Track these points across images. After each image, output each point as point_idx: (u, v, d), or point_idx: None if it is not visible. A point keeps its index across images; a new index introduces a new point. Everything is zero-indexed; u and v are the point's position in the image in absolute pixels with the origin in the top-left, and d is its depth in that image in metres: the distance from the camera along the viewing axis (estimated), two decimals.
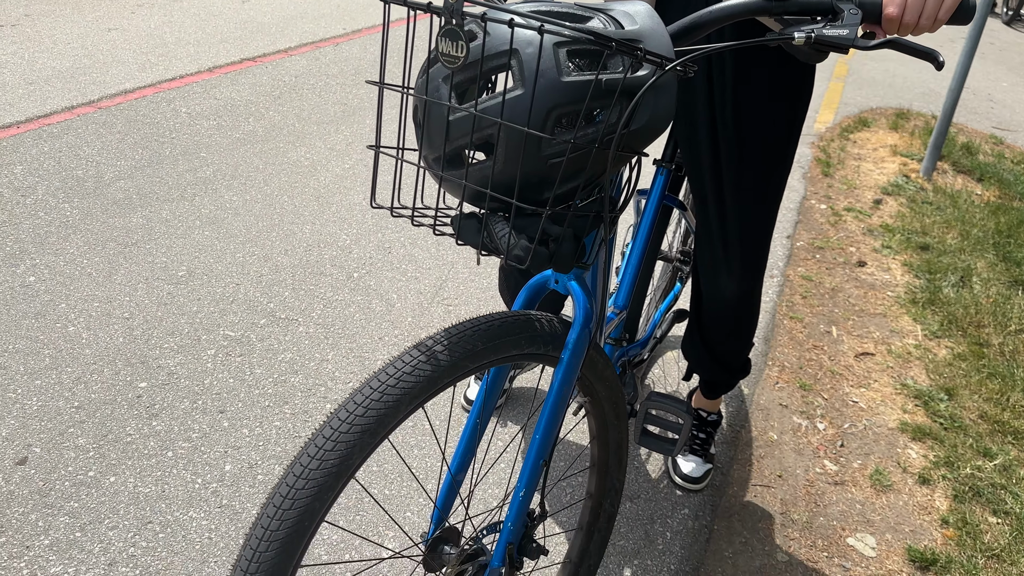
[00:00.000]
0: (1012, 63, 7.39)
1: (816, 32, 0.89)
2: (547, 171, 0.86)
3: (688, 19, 0.96)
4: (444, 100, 0.87)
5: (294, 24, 5.55)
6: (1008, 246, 3.48)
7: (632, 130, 0.86)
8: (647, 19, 0.89)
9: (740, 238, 1.51)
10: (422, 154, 0.93)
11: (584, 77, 0.83)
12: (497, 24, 0.84)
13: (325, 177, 3.29)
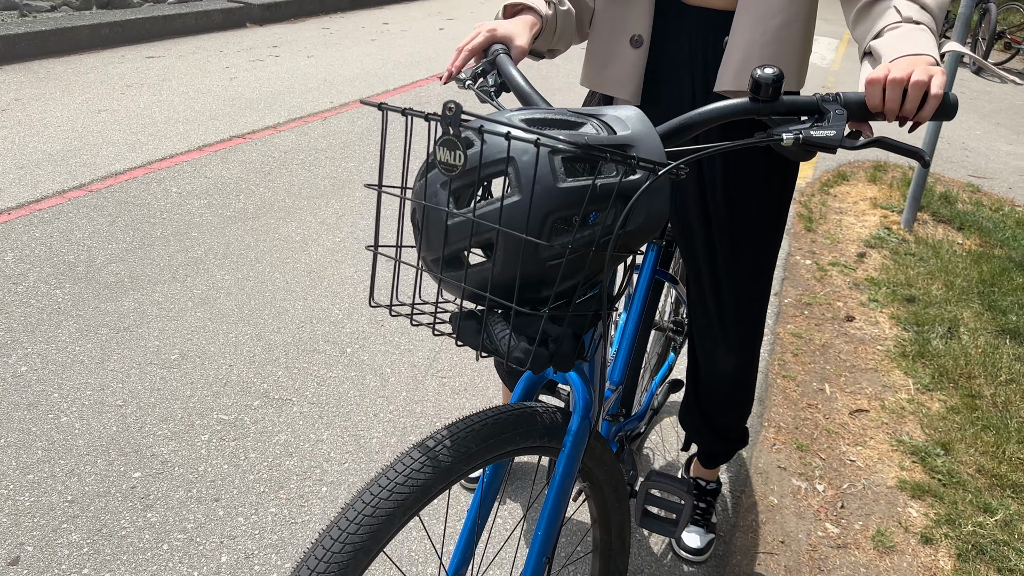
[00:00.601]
0: (983, 111, 7.58)
1: (804, 133, 0.92)
2: (546, 272, 0.88)
3: (678, 120, 1.00)
4: (442, 205, 0.90)
5: (281, 99, 5.65)
6: (993, 295, 3.53)
7: (628, 231, 0.89)
8: (638, 124, 0.92)
9: (736, 315, 1.54)
10: (420, 255, 0.95)
11: (579, 183, 0.85)
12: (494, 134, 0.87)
13: (316, 252, 3.32)
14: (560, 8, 1.34)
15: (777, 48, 1.34)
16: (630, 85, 1.47)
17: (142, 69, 6.12)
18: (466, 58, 1.24)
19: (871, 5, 1.15)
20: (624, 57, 1.46)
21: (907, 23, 1.07)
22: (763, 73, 0.94)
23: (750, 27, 1.34)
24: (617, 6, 1.44)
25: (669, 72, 1.48)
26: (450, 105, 0.85)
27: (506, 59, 1.20)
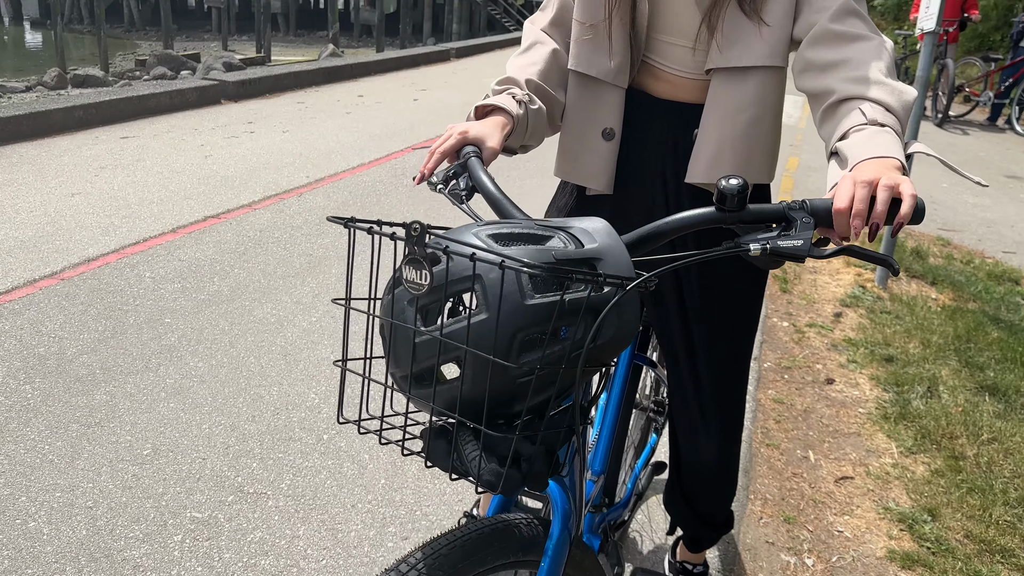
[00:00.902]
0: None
1: (771, 244, 0.92)
2: (516, 389, 0.87)
3: (646, 229, 1.00)
4: (410, 322, 0.89)
5: (257, 176, 5.67)
6: (969, 351, 3.55)
7: (599, 345, 0.88)
8: (605, 237, 0.92)
9: (716, 401, 1.53)
10: (389, 371, 0.94)
11: (548, 299, 0.85)
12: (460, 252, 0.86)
13: (292, 333, 3.29)
14: (531, 107, 1.35)
15: (747, 143, 1.36)
16: (603, 177, 1.48)
17: (116, 150, 6.15)
18: (438, 160, 1.25)
19: (837, 106, 1.16)
20: (596, 149, 1.47)
21: (872, 125, 1.08)
22: (728, 184, 0.95)
23: (719, 123, 1.35)
24: (588, 100, 1.46)
25: (641, 164, 1.49)
26: (415, 225, 0.85)
27: (477, 163, 1.21)
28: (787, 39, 1.30)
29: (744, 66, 1.31)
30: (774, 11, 1.29)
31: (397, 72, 12.29)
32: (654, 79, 1.44)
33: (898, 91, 1.13)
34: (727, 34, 1.31)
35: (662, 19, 1.38)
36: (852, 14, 1.22)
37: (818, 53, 1.22)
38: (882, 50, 1.18)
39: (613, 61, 1.41)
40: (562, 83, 1.47)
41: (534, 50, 1.46)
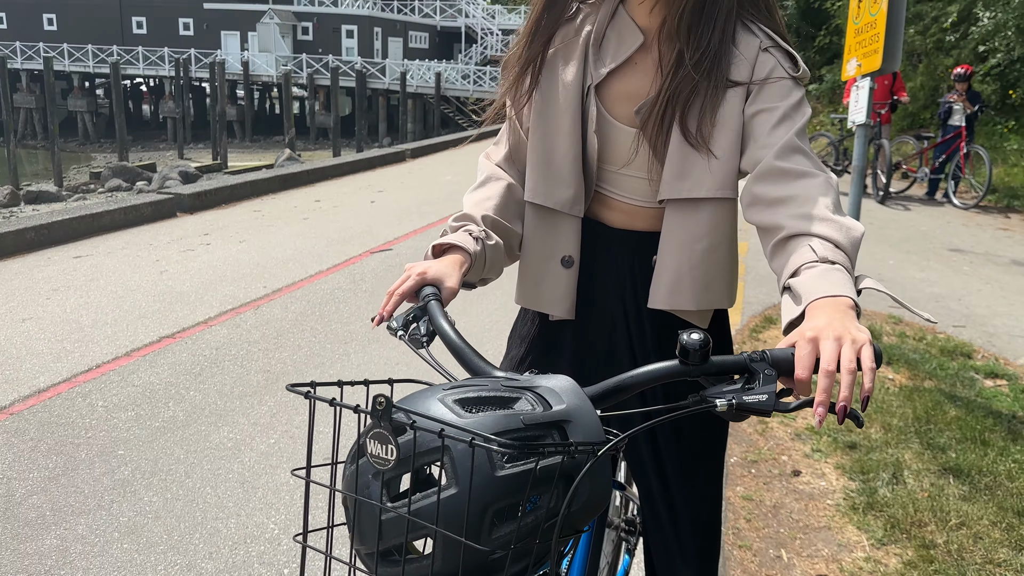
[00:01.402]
0: (892, 240, 7.99)
1: (736, 399, 0.93)
2: (490, 565, 0.85)
3: (612, 383, 1.00)
4: (375, 498, 0.86)
5: (213, 289, 5.64)
6: (930, 432, 3.58)
7: (573, 511, 0.87)
8: (573, 396, 0.92)
9: (692, 525, 1.51)
10: (353, 547, 0.91)
11: (519, 468, 0.83)
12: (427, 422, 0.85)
13: (249, 457, 3.21)
14: (488, 243, 1.37)
15: (705, 270, 1.38)
16: (564, 303, 1.49)
17: (69, 270, 6.08)
18: (396, 302, 1.25)
19: (786, 241, 1.18)
20: (556, 277, 1.48)
21: (823, 263, 1.10)
22: (690, 339, 0.96)
23: (676, 251, 1.38)
24: (546, 230, 1.48)
25: (601, 290, 1.50)
26: (380, 399, 0.84)
27: (436, 306, 1.21)
28: (735, 171, 1.33)
29: (696, 198, 1.34)
30: (721, 144, 1.31)
31: (354, 175, 12.46)
32: (608, 209, 1.47)
33: (846, 228, 1.14)
34: (677, 166, 1.34)
35: (612, 152, 1.41)
36: (797, 151, 1.24)
37: (765, 189, 1.24)
38: (828, 187, 1.21)
39: (567, 193, 1.43)
40: (519, 215, 1.49)
41: (489, 185, 1.48)
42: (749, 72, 1.31)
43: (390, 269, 6.34)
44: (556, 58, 1.43)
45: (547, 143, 1.43)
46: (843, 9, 16.10)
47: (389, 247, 7.18)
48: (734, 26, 1.33)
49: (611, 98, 1.40)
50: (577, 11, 1.44)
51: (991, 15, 9.63)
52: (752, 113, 1.30)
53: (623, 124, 1.40)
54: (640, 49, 1.38)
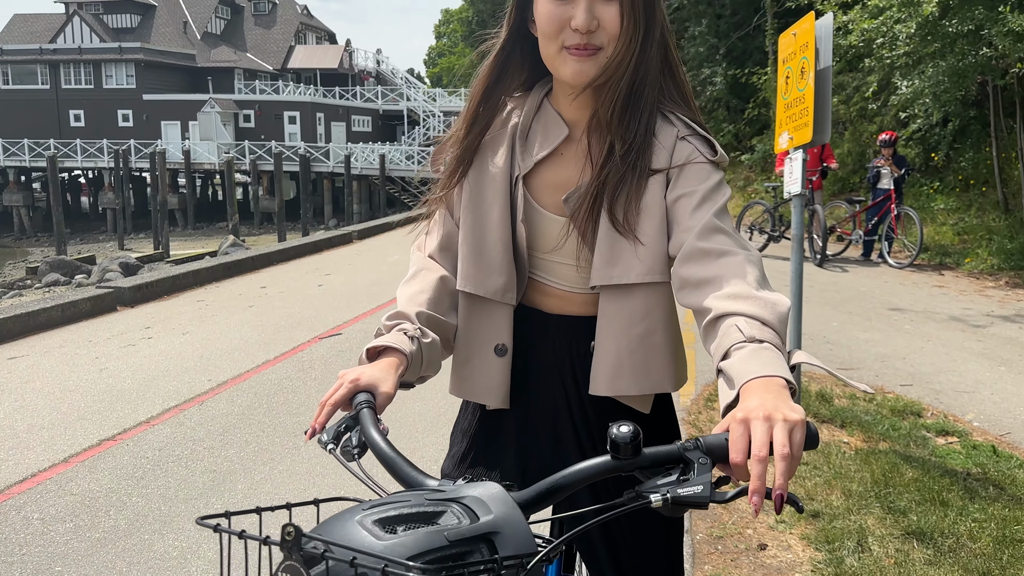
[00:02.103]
0: (834, 301, 8.18)
1: (671, 494, 0.90)
2: None
3: (543, 486, 0.97)
4: None
5: (156, 385, 5.46)
6: (890, 496, 3.59)
7: None
8: (501, 505, 0.88)
9: None
10: None
11: None
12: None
13: (196, 566, 3.04)
14: (423, 340, 1.34)
15: (644, 354, 1.38)
16: (498, 392, 1.47)
17: (3, 372, 5.83)
18: (329, 413, 1.21)
19: (714, 323, 1.18)
20: (490, 366, 1.47)
21: (751, 342, 1.09)
22: (619, 432, 0.94)
23: (614, 337, 1.38)
24: (479, 319, 1.47)
25: (538, 378, 1.49)
26: (288, 529, 0.79)
27: (368, 416, 1.17)
28: (664, 255, 1.35)
29: (627, 283, 1.36)
30: (646, 230, 1.34)
31: (300, 259, 12.38)
32: (543, 295, 1.48)
33: (771, 303, 1.15)
34: (606, 253, 1.36)
35: (542, 240, 1.43)
36: (717, 231, 1.26)
37: (690, 271, 1.25)
38: (750, 263, 1.22)
39: (499, 281, 1.44)
40: (453, 307, 1.49)
41: (421, 277, 1.47)
42: (668, 160, 1.35)
43: (340, 355, 6.23)
44: (484, 149, 1.46)
45: (477, 232, 1.45)
46: (769, 83, 16.87)
47: (338, 331, 7.07)
48: (655, 117, 1.38)
49: (538, 188, 1.43)
50: (503, 103, 1.48)
51: (909, 84, 10.16)
52: (674, 199, 1.33)
53: (551, 213, 1.42)
54: (566, 141, 1.42)
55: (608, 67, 1.31)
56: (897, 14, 9.27)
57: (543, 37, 1.33)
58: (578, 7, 1.27)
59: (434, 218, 1.54)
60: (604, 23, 1.28)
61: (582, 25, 1.27)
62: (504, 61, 1.44)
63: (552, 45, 1.32)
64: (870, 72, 11.76)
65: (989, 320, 7.45)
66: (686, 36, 20.78)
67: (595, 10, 1.28)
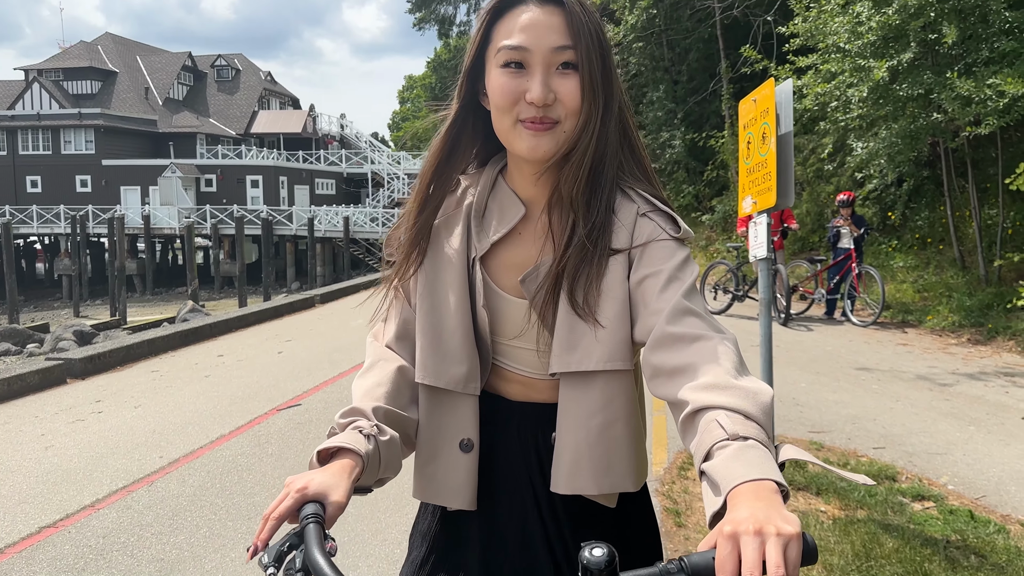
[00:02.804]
0: (800, 361, 8.17)
1: None
2: None
3: None
4: None
5: (104, 464, 5.18)
6: (871, 570, 3.47)
7: None
8: None
9: None
10: None
11: None
12: None
13: None
14: (381, 439, 1.22)
15: (604, 448, 1.28)
16: (465, 492, 1.36)
17: None
18: (272, 528, 1.07)
19: (693, 417, 1.07)
20: (454, 463, 1.35)
21: (735, 440, 0.99)
22: (592, 557, 0.86)
23: (573, 427, 1.28)
24: (441, 412, 1.36)
25: (505, 473, 1.38)
26: None
27: (314, 532, 1.03)
28: (627, 341, 1.26)
29: (586, 370, 1.26)
30: (607, 313, 1.25)
31: (260, 325, 12.13)
32: (506, 381, 1.38)
33: (752, 393, 1.05)
34: (565, 337, 1.27)
35: (504, 324, 1.35)
36: (688, 313, 1.17)
37: (662, 358, 1.16)
38: (726, 348, 1.13)
39: (460, 370, 1.34)
40: (413, 400, 1.37)
41: (378, 369, 1.36)
42: (629, 239, 1.27)
43: (299, 428, 6.00)
44: (439, 231, 1.39)
45: (435, 318, 1.35)
46: (727, 145, 17.23)
47: (298, 402, 6.85)
48: (615, 194, 1.31)
49: (497, 269, 1.35)
50: (456, 183, 1.41)
51: (863, 145, 10.40)
52: (638, 280, 1.25)
53: (512, 295, 1.34)
54: (523, 219, 1.35)
55: (568, 142, 1.24)
56: (849, 79, 9.53)
57: (496, 110, 1.26)
58: (533, 79, 1.21)
59: (390, 305, 1.43)
60: (562, 96, 1.22)
61: (538, 98, 1.20)
62: (456, 136, 1.36)
63: (506, 119, 1.25)
64: (825, 134, 12.04)
65: (955, 378, 7.47)
66: (644, 101, 21.22)
67: (551, 83, 1.21)
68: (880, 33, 8.92)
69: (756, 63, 12.17)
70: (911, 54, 8.90)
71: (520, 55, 1.22)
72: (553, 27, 1.22)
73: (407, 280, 1.40)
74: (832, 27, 9.53)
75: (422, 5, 39.81)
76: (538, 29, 1.21)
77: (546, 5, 1.23)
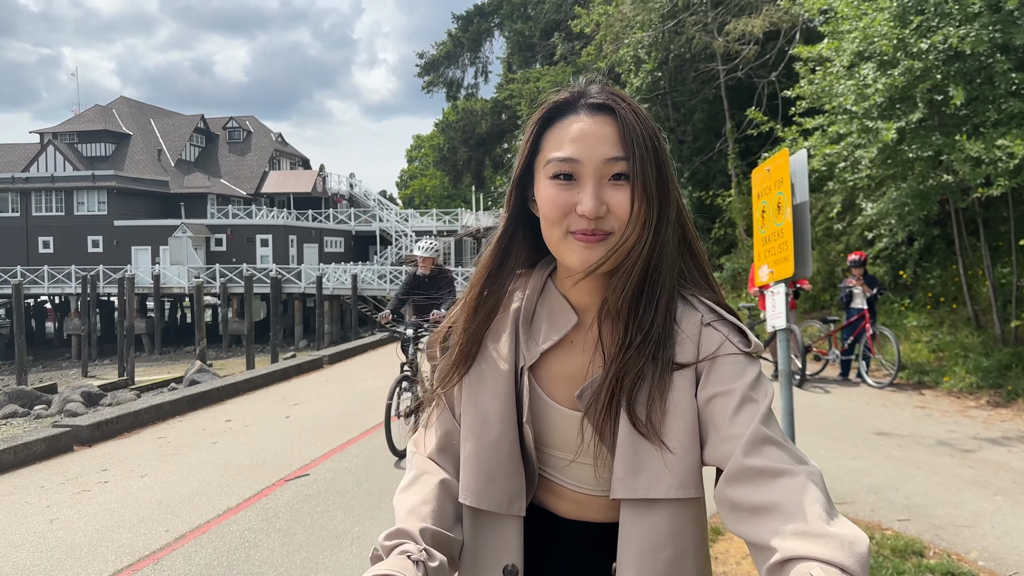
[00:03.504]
0: (819, 426, 8.01)
1: None
2: None
3: None
4: None
5: (109, 538, 5.06)
6: None
7: None
8: None
9: None
10: None
11: None
12: None
13: None
14: (431, 565, 1.11)
15: None
16: None
17: None
18: None
19: (782, 566, 0.97)
20: None
21: None
22: None
23: (638, 560, 1.17)
24: (483, 534, 1.26)
25: None
26: None
27: None
28: (697, 465, 1.16)
29: (652, 498, 1.16)
30: (675, 434, 1.15)
31: (268, 388, 12.02)
32: (556, 497, 1.28)
33: (848, 543, 0.96)
34: (628, 460, 1.17)
35: (555, 437, 1.26)
36: (767, 442, 1.08)
37: (742, 494, 1.06)
38: (813, 485, 1.03)
39: (504, 489, 1.24)
40: (458, 519, 1.28)
41: (421, 484, 1.27)
42: (695, 352, 1.18)
43: (307, 500, 5.87)
44: (485, 337, 1.30)
45: (479, 431, 1.26)
46: (734, 204, 17.28)
47: (306, 472, 6.72)
48: (675, 302, 1.22)
49: (548, 379, 1.26)
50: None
51: (873, 205, 10.39)
52: (706, 398, 1.15)
53: (564, 407, 1.25)
54: (576, 328, 1.26)
55: (619, 253, 1.16)
56: (857, 140, 9.56)
57: (546, 221, 1.20)
58: (584, 191, 1.15)
59: (433, 413, 1.35)
60: (614, 208, 1.15)
61: (589, 211, 1.14)
62: (507, 245, 1.31)
63: (556, 230, 1.18)
64: (833, 193, 12.05)
65: (977, 443, 7.30)
66: None
67: (603, 194, 1.15)
68: (887, 95, 8.97)
69: (762, 124, 12.27)
70: (919, 115, 8.93)
71: (570, 167, 1.16)
72: (605, 137, 1.16)
73: (451, 389, 1.32)
74: (838, 89, 9.60)
75: (430, 69, 40.59)
76: (589, 140, 1.16)
77: (598, 115, 1.18)
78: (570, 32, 21.51)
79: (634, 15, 17.85)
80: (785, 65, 14.86)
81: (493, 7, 38.07)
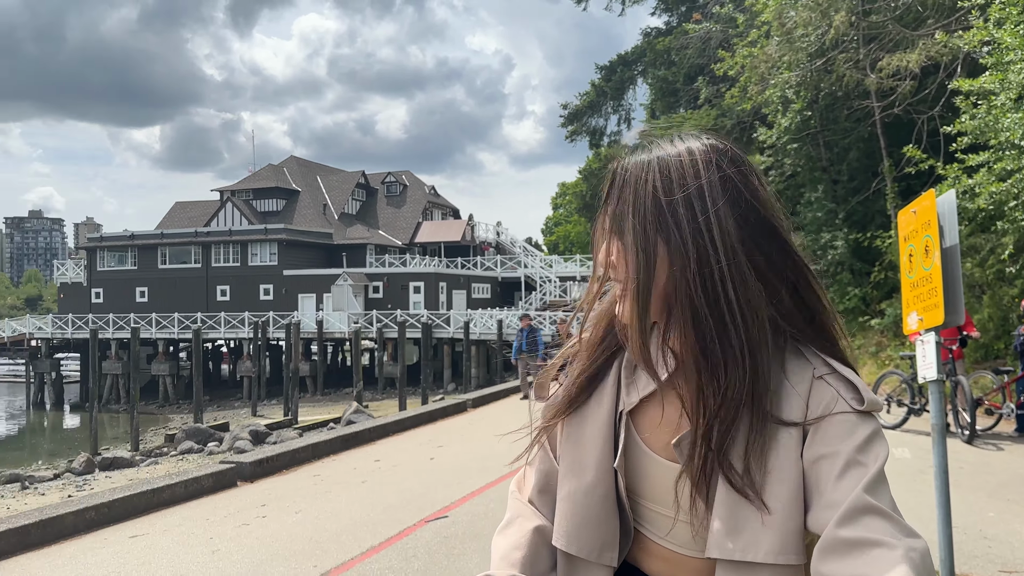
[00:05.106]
0: (989, 487, 7.36)
1: None
2: None
3: None
4: None
5: (264, 570, 5.40)
6: None
7: None
8: None
9: None
10: None
11: None
12: None
13: None
14: None
15: None
16: None
17: (122, 553, 5.93)
18: None
19: None
20: None
21: None
22: None
23: None
24: None
25: None
26: None
27: None
28: (800, 531, 1.09)
29: (751, 561, 1.10)
30: (777, 496, 1.09)
31: (415, 429, 12.44)
32: (647, 554, 1.25)
33: None
34: (726, 518, 1.11)
35: (650, 488, 1.22)
36: (868, 512, 1.01)
37: (831, 568, 1.00)
38: (910, 564, 0.96)
39: (597, 536, 1.23)
40: (552, 566, 1.27)
41: (516, 528, 1.29)
42: (803, 408, 1.11)
43: (444, 542, 6.02)
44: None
45: (575, 475, 1.25)
46: (894, 246, 16.34)
47: (445, 514, 6.89)
48: (782, 353, 1.16)
49: (646, 426, 1.23)
50: None
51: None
52: (812, 460, 1.08)
53: (662, 457, 1.20)
54: (676, 373, 1.21)
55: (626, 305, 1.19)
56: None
57: None
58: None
59: (536, 453, 1.35)
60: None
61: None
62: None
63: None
64: (1004, 233, 11.18)
65: None
66: (802, 202, 20.67)
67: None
68: None
69: (921, 162, 11.62)
70: None
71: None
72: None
73: (552, 429, 1.31)
74: (1004, 123, 8.99)
75: (574, 119, 41.22)
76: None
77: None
78: (714, 75, 21.28)
79: (780, 55, 17.48)
80: (946, 100, 14.04)
81: (636, 55, 38.34)
